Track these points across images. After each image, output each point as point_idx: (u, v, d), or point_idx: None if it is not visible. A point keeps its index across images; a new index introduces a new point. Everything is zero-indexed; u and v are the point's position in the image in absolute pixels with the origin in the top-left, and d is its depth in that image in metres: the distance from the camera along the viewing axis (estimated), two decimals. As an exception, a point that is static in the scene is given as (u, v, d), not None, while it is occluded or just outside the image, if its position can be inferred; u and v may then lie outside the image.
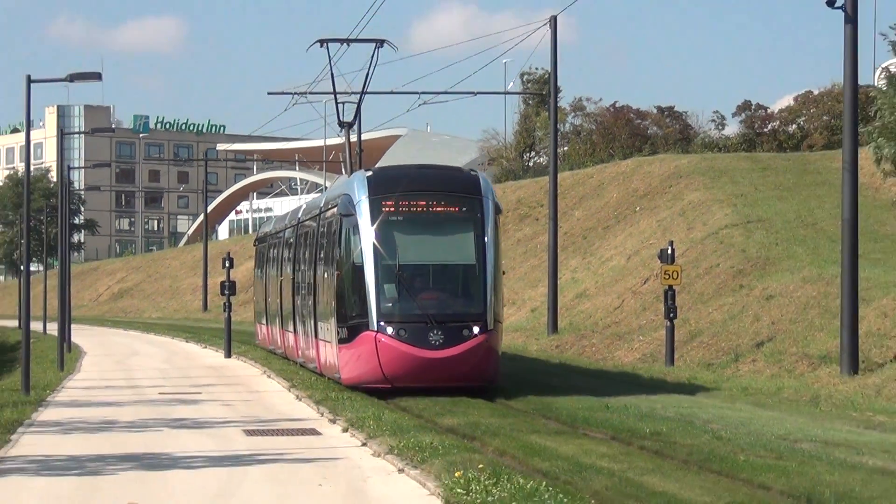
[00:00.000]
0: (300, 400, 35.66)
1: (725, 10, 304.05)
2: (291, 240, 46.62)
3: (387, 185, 32.91)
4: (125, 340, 78.72)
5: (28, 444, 26.45)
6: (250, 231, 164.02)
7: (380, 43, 43.56)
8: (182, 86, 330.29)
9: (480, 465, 19.28)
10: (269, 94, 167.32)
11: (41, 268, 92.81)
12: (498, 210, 33.16)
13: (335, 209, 34.54)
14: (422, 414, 28.64)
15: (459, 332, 31.21)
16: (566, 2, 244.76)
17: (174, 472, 22.30)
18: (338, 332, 33.36)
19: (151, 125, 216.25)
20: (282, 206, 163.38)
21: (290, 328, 45.24)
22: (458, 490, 17.76)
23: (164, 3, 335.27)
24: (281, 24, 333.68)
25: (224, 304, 57.72)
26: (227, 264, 56.97)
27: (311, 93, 58.22)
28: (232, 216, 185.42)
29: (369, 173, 33.52)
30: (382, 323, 31.28)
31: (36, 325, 59.59)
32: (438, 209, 33.08)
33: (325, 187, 53.65)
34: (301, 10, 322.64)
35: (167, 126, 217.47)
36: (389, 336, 31.20)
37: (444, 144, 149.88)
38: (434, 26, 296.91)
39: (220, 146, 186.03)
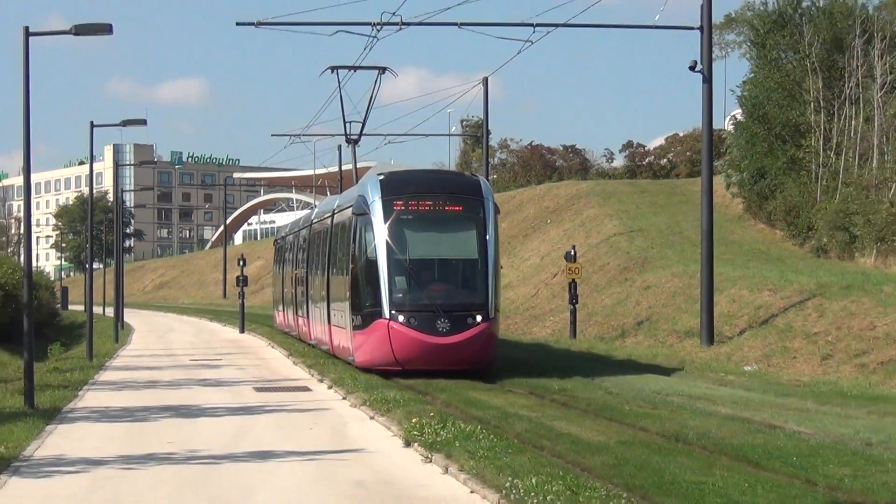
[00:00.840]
0: (296, 365, 34.50)
1: (614, 69, 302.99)
2: (306, 238, 41.01)
3: (398, 187, 28.04)
4: (164, 320, 76.85)
5: (91, 398, 25.74)
6: (258, 238, 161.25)
7: (382, 70, 38.89)
8: (207, 129, 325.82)
9: (431, 414, 18.84)
10: (272, 135, 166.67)
11: (101, 266, 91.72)
12: (497, 210, 28.83)
13: (350, 209, 29.66)
14: (387, 375, 27.51)
15: (464, 321, 26.72)
16: (495, 67, 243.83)
17: (202, 419, 21.72)
18: (352, 320, 28.55)
19: (184, 158, 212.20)
20: (283, 219, 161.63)
21: (305, 314, 39.96)
22: (415, 432, 17.38)
23: (192, 67, 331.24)
24: (282, 81, 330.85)
25: (239, 292, 56.71)
26: (241, 263, 55.91)
27: (304, 135, 57.64)
28: (245, 227, 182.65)
29: (381, 177, 28.63)
30: (394, 311, 26.67)
31: (97, 309, 58.47)
32: (445, 209, 28.26)
33: (315, 205, 51.46)
34: (298, 67, 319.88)
35: (196, 159, 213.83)
36: (401, 323, 26.57)
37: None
38: (396, 84, 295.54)
39: (236, 174, 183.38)
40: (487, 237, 27.58)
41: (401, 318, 26.56)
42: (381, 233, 27.22)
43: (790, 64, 67.62)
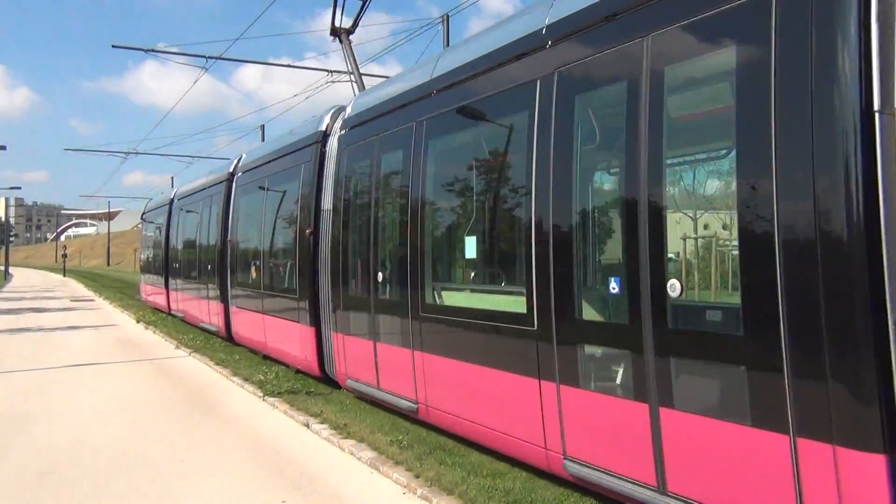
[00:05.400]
0: (89, 289, 48.93)
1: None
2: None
3: None
4: (28, 273, 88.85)
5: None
6: (71, 238, 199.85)
7: None
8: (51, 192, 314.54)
9: (148, 309, 28.03)
10: (80, 196, 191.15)
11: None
12: None
13: None
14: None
15: None
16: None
17: (45, 313, 30.68)
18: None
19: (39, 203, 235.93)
20: (80, 231, 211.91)
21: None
22: (142, 319, 25.67)
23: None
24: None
25: (63, 261, 75.05)
26: (64, 248, 74.32)
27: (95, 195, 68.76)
28: (65, 234, 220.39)
29: None
30: None
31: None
32: None
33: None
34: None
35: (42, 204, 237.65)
36: None
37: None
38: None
39: (62, 212, 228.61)
40: None
41: None
42: None
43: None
